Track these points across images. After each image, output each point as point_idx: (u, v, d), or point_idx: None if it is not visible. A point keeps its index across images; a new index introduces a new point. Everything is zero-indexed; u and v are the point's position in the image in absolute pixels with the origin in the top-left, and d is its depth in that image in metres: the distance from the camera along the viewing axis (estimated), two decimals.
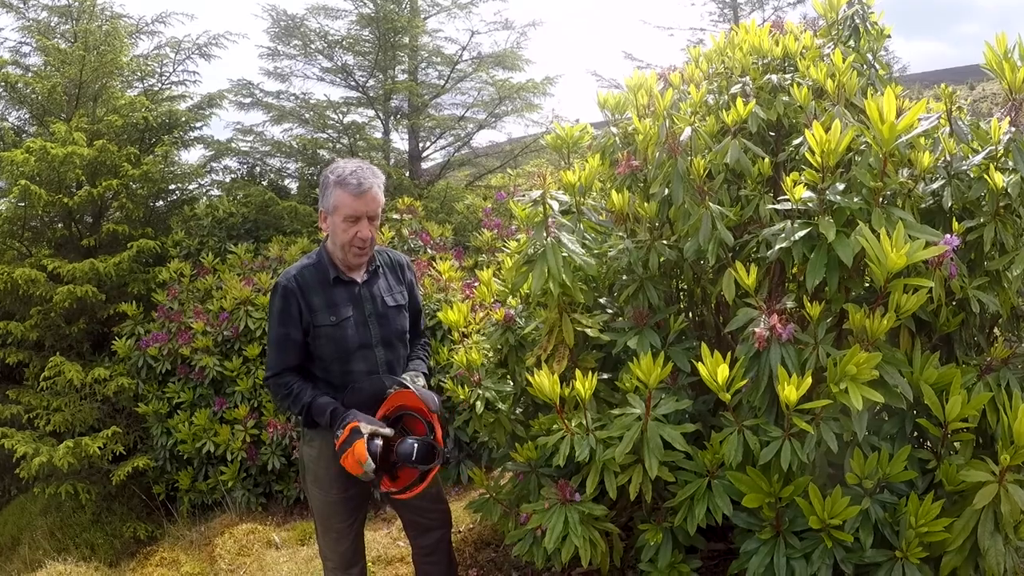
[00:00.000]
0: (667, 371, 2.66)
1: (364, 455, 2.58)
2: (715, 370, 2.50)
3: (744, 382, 2.58)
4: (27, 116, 8.13)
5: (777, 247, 2.63)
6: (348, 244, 2.78)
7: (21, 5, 8.01)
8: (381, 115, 9.58)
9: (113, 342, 6.60)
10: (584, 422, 2.86)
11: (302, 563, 4.73)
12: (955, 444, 2.69)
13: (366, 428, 2.63)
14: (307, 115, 9.18)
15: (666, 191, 3.05)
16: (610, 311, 3.41)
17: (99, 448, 5.93)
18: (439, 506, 3.15)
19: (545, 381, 2.78)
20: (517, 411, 3.67)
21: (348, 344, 2.82)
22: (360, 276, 2.89)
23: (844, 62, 3.00)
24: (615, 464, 2.80)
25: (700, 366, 2.56)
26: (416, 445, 2.67)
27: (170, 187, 8.47)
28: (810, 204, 2.67)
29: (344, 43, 9.18)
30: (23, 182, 6.55)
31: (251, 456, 5.83)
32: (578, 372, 2.81)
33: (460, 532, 4.47)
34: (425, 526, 3.13)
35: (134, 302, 6.84)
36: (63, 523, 6.21)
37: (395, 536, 4.80)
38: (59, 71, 7.62)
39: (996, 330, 3.19)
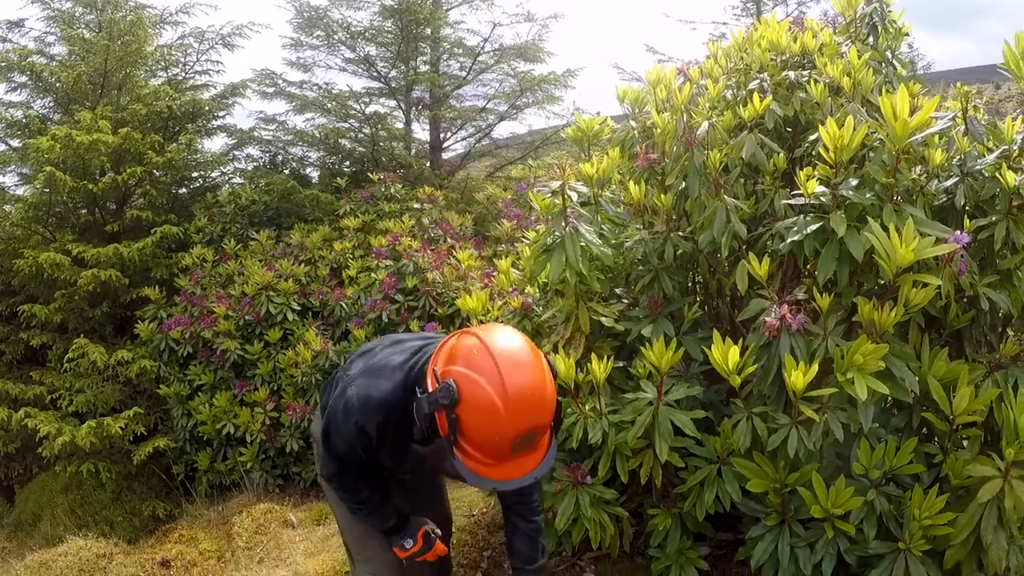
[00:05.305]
0: (679, 356, 2.72)
1: (444, 548, 2.63)
2: (726, 355, 2.56)
3: (753, 368, 2.64)
4: (52, 104, 8.18)
5: (789, 240, 2.68)
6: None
7: None
8: (403, 105, 9.63)
9: (136, 325, 6.70)
10: (598, 406, 2.93)
11: (318, 542, 4.82)
12: (963, 440, 2.72)
13: (430, 526, 2.62)
14: (329, 105, 9.23)
15: (683, 184, 3.11)
16: (626, 300, 3.47)
17: (121, 428, 6.03)
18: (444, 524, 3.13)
19: (561, 365, 2.84)
20: None
21: (402, 468, 2.63)
22: None
23: (860, 59, 3.05)
24: (627, 448, 2.87)
25: (711, 351, 2.61)
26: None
27: (193, 175, 8.57)
28: (823, 199, 2.72)
29: (367, 34, 9.22)
30: (48, 169, 6.63)
31: (270, 438, 5.93)
32: (593, 356, 2.87)
33: (474, 516, 4.54)
34: None
35: (157, 286, 6.94)
36: (83, 501, 6.29)
37: None
38: (84, 60, 7.68)
39: (1010, 330, 3.22)
